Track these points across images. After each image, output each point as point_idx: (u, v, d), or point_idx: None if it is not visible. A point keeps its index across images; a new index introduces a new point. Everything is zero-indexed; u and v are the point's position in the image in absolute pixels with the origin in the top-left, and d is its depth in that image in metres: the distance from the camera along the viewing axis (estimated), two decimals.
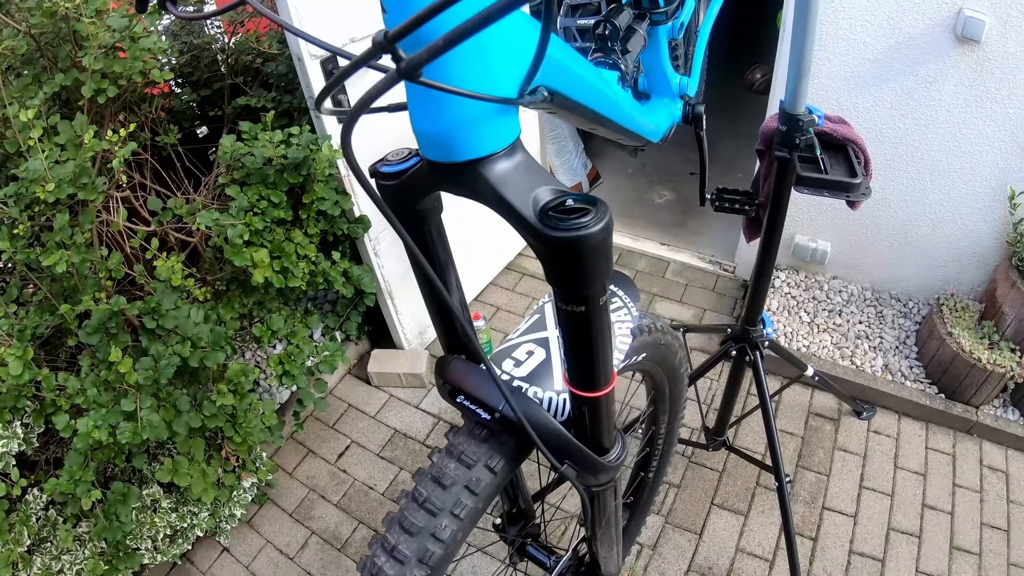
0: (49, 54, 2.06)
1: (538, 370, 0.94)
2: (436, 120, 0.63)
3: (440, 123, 0.62)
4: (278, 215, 2.16)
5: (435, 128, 0.63)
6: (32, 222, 1.81)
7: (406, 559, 0.84)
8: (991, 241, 2.74)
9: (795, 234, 3.12)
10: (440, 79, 0.56)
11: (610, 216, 0.60)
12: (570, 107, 0.82)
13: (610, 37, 1.15)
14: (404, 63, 0.42)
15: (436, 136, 0.64)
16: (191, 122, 2.71)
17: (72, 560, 1.98)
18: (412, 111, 0.65)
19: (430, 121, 0.63)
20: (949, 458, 2.57)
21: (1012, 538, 2.31)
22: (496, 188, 0.63)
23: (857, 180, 1.51)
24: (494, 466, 0.89)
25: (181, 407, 1.92)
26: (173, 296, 1.95)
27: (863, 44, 2.49)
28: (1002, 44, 2.28)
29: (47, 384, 1.80)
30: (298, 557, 2.44)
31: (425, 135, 0.65)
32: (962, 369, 2.54)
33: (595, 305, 0.67)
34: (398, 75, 0.42)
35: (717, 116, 4.25)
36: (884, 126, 2.63)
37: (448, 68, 0.58)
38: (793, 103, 1.42)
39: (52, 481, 1.81)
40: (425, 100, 0.62)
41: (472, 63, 0.59)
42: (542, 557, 1.46)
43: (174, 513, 2.14)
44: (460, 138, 0.63)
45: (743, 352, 2.04)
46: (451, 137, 0.63)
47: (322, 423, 2.91)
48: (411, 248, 0.66)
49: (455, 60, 0.58)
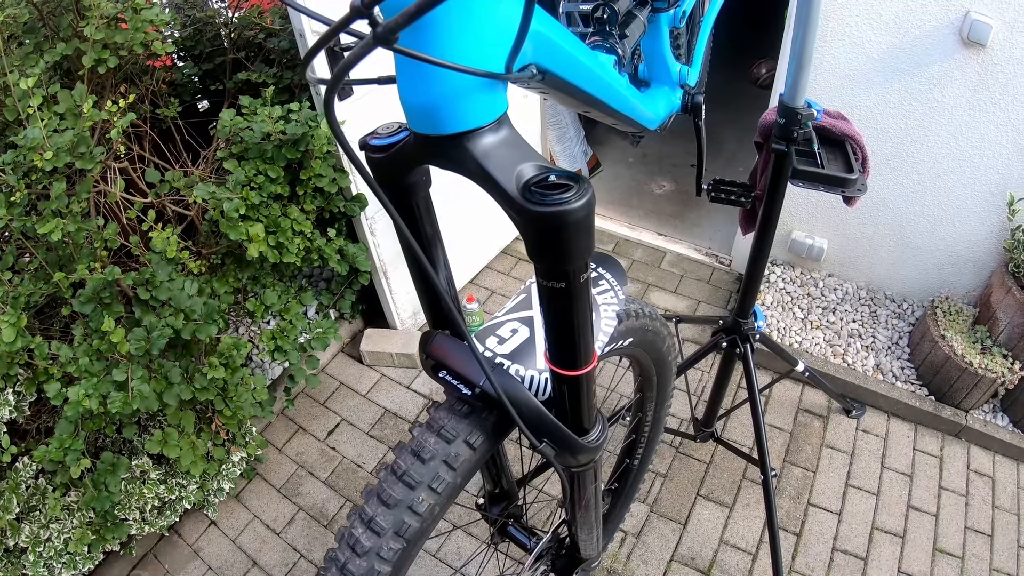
0: (51, 23, 2.06)
1: (521, 348, 0.94)
2: (423, 93, 0.63)
3: (427, 96, 0.63)
4: (275, 190, 2.16)
5: (422, 100, 0.64)
6: (29, 190, 1.82)
7: (383, 531, 0.85)
8: (988, 246, 2.74)
9: (792, 230, 3.12)
10: (427, 51, 0.57)
11: (592, 193, 0.61)
12: (562, 87, 0.82)
13: (608, 21, 1.15)
14: (380, 28, 0.42)
15: (423, 108, 0.64)
16: (192, 95, 2.71)
17: (60, 529, 1.99)
18: (400, 83, 0.65)
19: (417, 93, 0.64)
20: (936, 460, 2.58)
21: (996, 543, 2.33)
22: (480, 162, 0.64)
23: (853, 176, 1.52)
24: (473, 442, 0.89)
25: (172, 379, 1.93)
26: (168, 268, 1.95)
27: (868, 42, 2.49)
28: (1008, 49, 2.28)
29: (40, 352, 1.80)
30: (284, 532, 2.45)
31: (413, 107, 0.66)
32: (953, 372, 2.55)
33: (576, 282, 0.67)
34: (374, 40, 0.43)
35: (721, 109, 4.26)
36: (886, 125, 2.63)
37: (435, 40, 0.58)
38: (792, 96, 1.43)
39: (42, 448, 1.82)
40: (413, 72, 0.63)
41: (459, 36, 0.59)
42: (523, 538, 1.46)
43: (163, 485, 2.16)
44: (447, 111, 0.63)
45: (733, 344, 2.04)
46: (438, 110, 0.63)
47: (313, 400, 2.92)
48: (396, 219, 0.66)
49: (442, 32, 0.58)
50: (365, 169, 0.63)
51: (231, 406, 2.11)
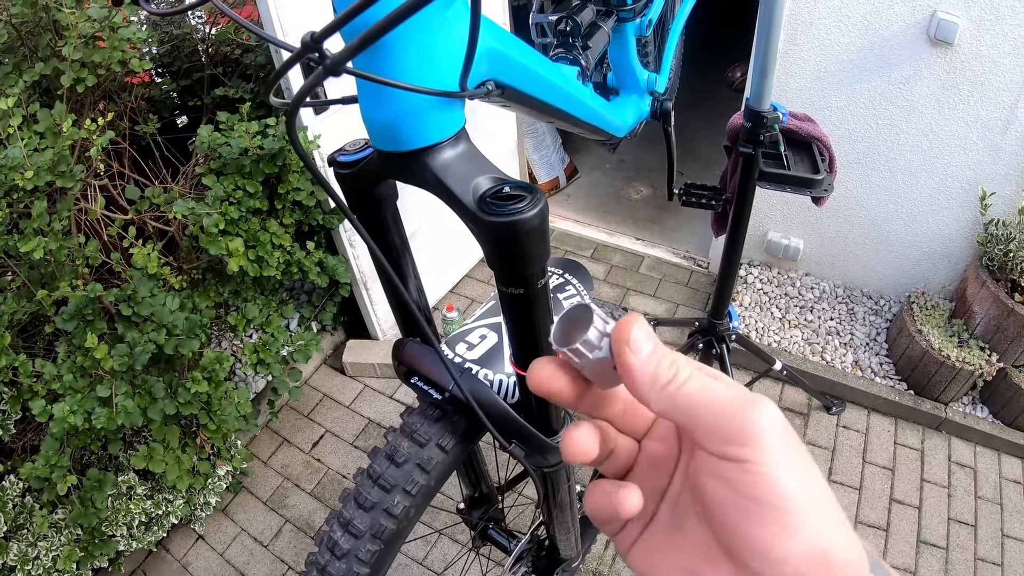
0: (29, 43, 2.07)
1: (490, 353, 0.97)
2: (383, 111, 0.65)
3: (386, 114, 0.65)
4: (254, 205, 2.18)
5: (382, 119, 0.66)
6: (10, 209, 1.83)
7: (360, 533, 0.88)
8: (962, 241, 2.78)
9: (768, 231, 3.16)
10: (384, 73, 0.59)
11: (545, 202, 0.63)
12: (523, 101, 0.84)
13: (571, 33, 1.18)
14: (328, 60, 0.45)
15: (383, 126, 0.67)
16: (170, 112, 2.72)
17: (48, 547, 1.99)
18: (361, 103, 0.67)
19: (377, 112, 0.66)
20: (918, 454, 2.61)
21: (979, 533, 2.36)
22: (439, 176, 0.66)
23: (819, 177, 1.55)
24: (445, 445, 0.92)
25: (156, 394, 1.94)
26: (149, 284, 1.96)
27: (837, 44, 2.52)
28: (975, 46, 2.32)
29: (24, 370, 1.81)
30: (272, 545, 2.46)
31: (374, 125, 0.68)
32: (931, 366, 2.58)
33: (534, 287, 0.70)
34: (324, 72, 0.46)
35: (697, 114, 4.30)
36: (857, 125, 2.67)
37: (390, 62, 0.61)
38: (758, 100, 1.46)
39: (28, 465, 1.83)
40: (372, 92, 0.65)
41: (413, 58, 0.61)
42: (503, 541, 1.49)
43: (149, 500, 2.16)
44: (406, 128, 0.66)
45: (710, 345, 2.07)
46: (397, 128, 0.66)
47: (297, 412, 2.94)
48: (362, 233, 0.69)
49: (396, 54, 0.61)
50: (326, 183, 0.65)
51: (215, 420, 2.13)
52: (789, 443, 0.35)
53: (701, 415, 0.37)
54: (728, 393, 0.37)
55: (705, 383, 0.37)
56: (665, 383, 0.38)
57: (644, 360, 0.38)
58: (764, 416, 0.35)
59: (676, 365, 0.38)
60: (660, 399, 0.38)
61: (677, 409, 0.37)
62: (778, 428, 0.35)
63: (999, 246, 2.46)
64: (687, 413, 0.37)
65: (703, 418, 0.36)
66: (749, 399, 0.36)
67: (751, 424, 0.35)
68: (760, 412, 0.35)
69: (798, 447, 0.36)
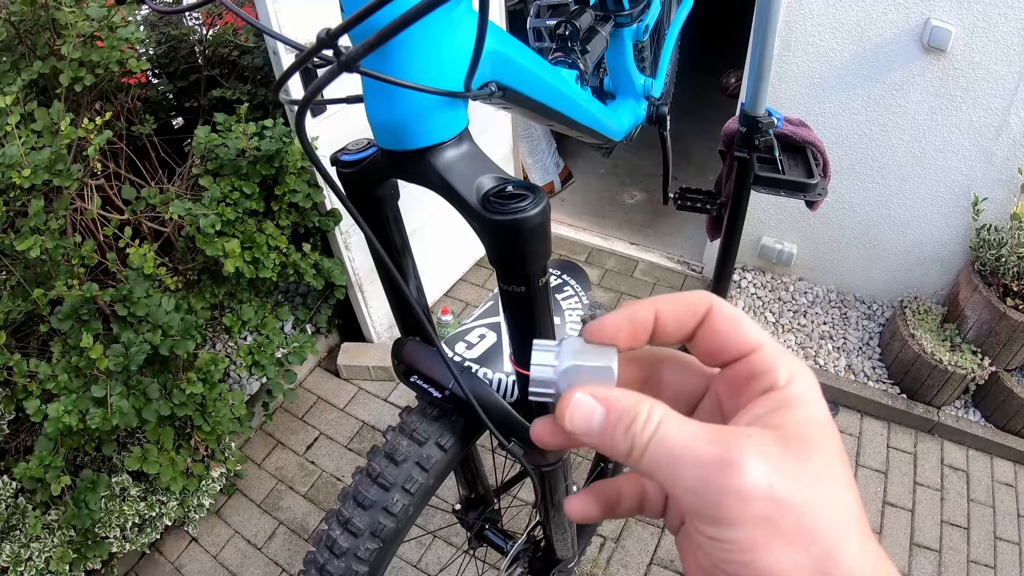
0: (28, 42, 2.07)
1: (489, 352, 0.97)
2: (388, 111, 0.66)
3: (392, 114, 0.66)
4: (250, 206, 2.18)
5: (387, 118, 0.67)
6: (7, 207, 1.83)
7: (359, 532, 0.88)
8: (955, 246, 2.80)
9: (762, 235, 3.17)
10: (391, 72, 0.60)
11: (547, 202, 0.64)
12: (523, 103, 0.85)
13: (570, 37, 1.19)
14: (344, 57, 0.46)
15: (388, 126, 0.67)
16: (167, 113, 2.72)
17: (41, 548, 1.98)
18: (367, 102, 0.68)
19: (383, 112, 0.67)
20: (910, 457, 2.62)
21: (972, 536, 2.37)
22: (443, 175, 0.67)
23: (813, 181, 1.56)
24: (444, 443, 0.92)
25: (151, 395, 1.94)
26: (145, 284, 1.96)
27: (831, 51, 2.54)
28: (968, 54, 2.33)
29: (19, 370, 1.81)
30: (266, 547, 2.46)
31: (379, 125, 0.69)
32: (924, 370, 2.60)
33: (535, 286, 0.70)
34: (338, 68, 0.46)
35: (692, 119, 4.31)
36: (851, 131, 2.69)
37: (398, 62, 0.62)
38: (753, 105, 1.47)
39: (22, 465, 1.82)
40: (378, 92, 0.66)
41: (420, 58, 0.62)
42: (500, 542, 1.49)
43: (143, 502, 2.16)
44: (410, 128, 0.66)
45: None
46: (402, 127, 0.66)
47: (291, 415, 2.93)
48: (366, 231, 0.69)
49: (404, 55, 0.61)
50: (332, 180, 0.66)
51: (210, 422, 2.12)
52: (782, 509, 0.29)
53: (676, 486, 0.32)
54: (701, 452, 0.31)
55: (673, 442, 0.32)
56: (625, 453, 0.33)
57: (596, 440, 0.35)
58: (747, 480, 0.29)
59: (631, 432, 0.33)
60: (631, 464, 0.34)
61: (649, 474, 0.33)
62: (761, 494, 0.29)
63: (991, 251, 2.48)
64: (660, 478, 0.33)
65: (678, 489, 0.32)
66: (726, 458, 0.30)
67: (726, 500, 0.29)
68: (741, 477, 0.29)
69: (792, 509, 0.29)
